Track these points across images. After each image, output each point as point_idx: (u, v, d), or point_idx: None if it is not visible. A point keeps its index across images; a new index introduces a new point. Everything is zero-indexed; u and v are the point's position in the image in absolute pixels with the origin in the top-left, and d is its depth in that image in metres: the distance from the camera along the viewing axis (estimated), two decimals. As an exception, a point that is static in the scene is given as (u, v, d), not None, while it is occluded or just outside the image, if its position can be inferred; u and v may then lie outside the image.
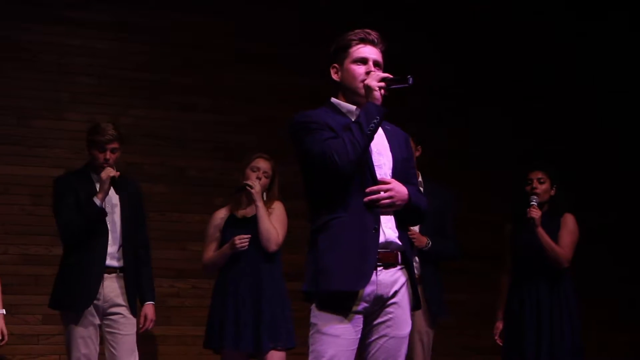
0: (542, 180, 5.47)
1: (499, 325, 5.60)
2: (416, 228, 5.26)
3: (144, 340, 6.07)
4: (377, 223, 3.37)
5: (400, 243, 3.44)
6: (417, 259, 5.23)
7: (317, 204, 3.45)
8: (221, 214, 5.35)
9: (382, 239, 3.39)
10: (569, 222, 5.49)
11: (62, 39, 6.47)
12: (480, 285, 7.22)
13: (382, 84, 3.40)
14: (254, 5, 6.98)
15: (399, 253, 3.45)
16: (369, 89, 3.39)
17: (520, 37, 7.76)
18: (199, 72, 6.79)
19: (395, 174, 3.48)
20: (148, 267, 5.21)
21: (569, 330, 5.31)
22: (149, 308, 5.18)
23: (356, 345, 3.40)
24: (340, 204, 3.37)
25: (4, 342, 4.97)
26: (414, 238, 5.19)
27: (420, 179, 5.39)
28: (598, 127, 7.90)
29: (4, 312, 4.95)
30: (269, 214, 5.16)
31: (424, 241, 5.24)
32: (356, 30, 3.54)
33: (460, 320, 7.17)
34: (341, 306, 3.35)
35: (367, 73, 3.45)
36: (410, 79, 3.39)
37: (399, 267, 3.45)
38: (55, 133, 6.37)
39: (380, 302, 3.42)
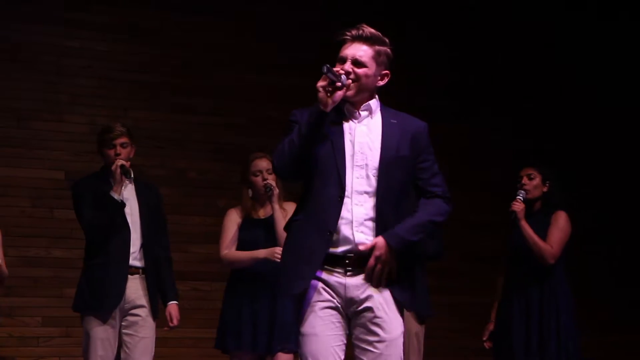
0: (532, 177, 5.39)
1: (490, 326, 5.50)
2: None
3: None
4: (334, 227, 3.28)
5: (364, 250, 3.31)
6: None
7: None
8: (236, 214, 5.26)
9: (349, 244, 3.30)
10: (560, 219, 5.35)
11: (62, 40, 6.46)
12: (481, 288, 7.20)
13: (324, 82, 3.24)
14: (254, 6, 6.97)
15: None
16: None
17: (519, 37, 7.75)
18: (199, 73, 6.77)
19: (381, 174, 3.34)
20: (170, 269, 5.16)
21: (560, 333, 5.23)
22: (172, 307, 5.11)
23: (342, 342, 3.32)
24: (303, 205, 3.38)
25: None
26: None
27: None
28: (598, 126, 7.88)
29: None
30: (284, 215, 5.11)
31: None
32: (357, 26, 3.41)
33: (462, 323, 7.16)
34: (309, 304, 3.30)
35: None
36: (325, 67, 3.20)
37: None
38: (54, 135, 6.36)
39: (354, 304, 3.32)
